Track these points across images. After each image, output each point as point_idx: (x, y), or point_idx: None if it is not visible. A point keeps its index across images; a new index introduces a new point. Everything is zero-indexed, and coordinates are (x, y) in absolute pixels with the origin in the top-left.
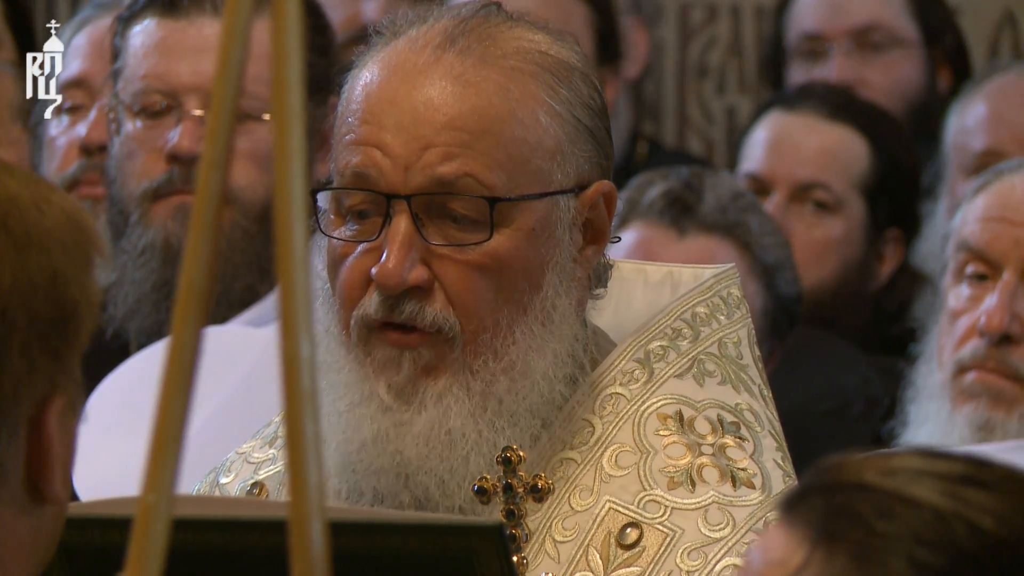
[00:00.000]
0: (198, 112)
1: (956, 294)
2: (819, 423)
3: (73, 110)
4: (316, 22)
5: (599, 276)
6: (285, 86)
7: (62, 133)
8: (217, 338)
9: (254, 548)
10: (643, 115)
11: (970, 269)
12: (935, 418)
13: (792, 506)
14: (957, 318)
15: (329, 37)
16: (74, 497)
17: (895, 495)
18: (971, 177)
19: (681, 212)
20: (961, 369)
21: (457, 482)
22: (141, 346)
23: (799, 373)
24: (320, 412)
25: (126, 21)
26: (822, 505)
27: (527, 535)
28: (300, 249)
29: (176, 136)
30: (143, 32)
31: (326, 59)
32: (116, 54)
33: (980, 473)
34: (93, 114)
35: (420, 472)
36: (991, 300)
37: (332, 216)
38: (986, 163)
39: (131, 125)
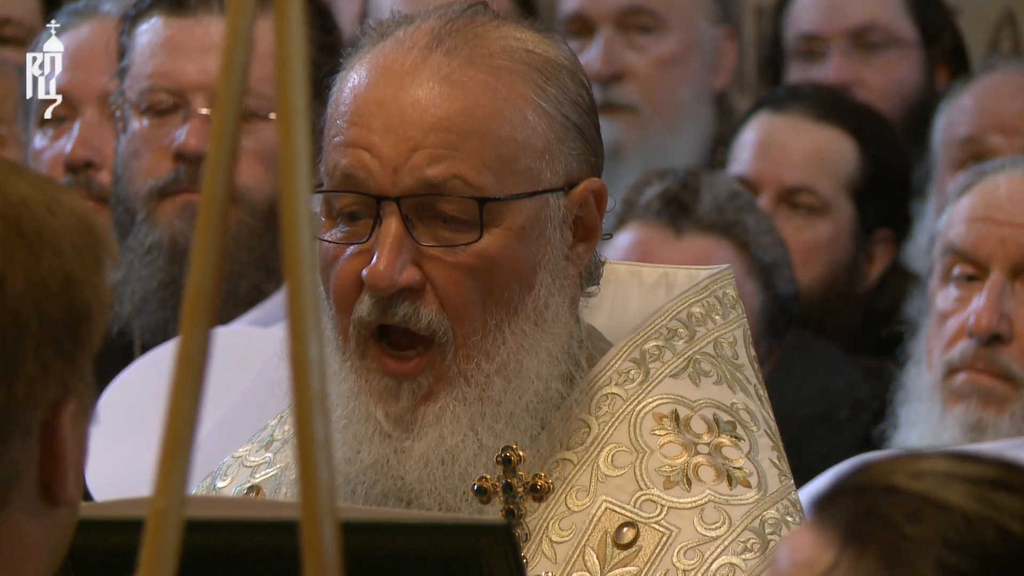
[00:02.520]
0: (205, 111)
1: (944, 296)
2: (805, 427)
3: (56, 122)
4: (322, 21)
5: (591, 273)
6: (289, 86)
7: (47, 147)
8: (229, 339)
9: (263, 548)
10: (725, 123)
11: (957, 271)
12: (926, 419)
13: (821, 508)
14: (946, 320)
15: (336, 36)
16: (88, 498)
17: (924, 498)
18: (958, 171)
19: (678, 212)
20: (951, 370)
21: (459, 499)
22: (146, 344)
23: (786, 377)
24: (330, 414)
25: (132, 19)
26: (851, 507)
27: (526, 535)
28: (307, 250)
29: (183, 135)
30: (150, 30)
31: (333, 58)
32: (122, 52)
33: (1010, 477)
34: (76, 129)
35: (423, 495)
36: (979, 301)
37: (323, 218)
38: (970, 151)
39: (137, 123)
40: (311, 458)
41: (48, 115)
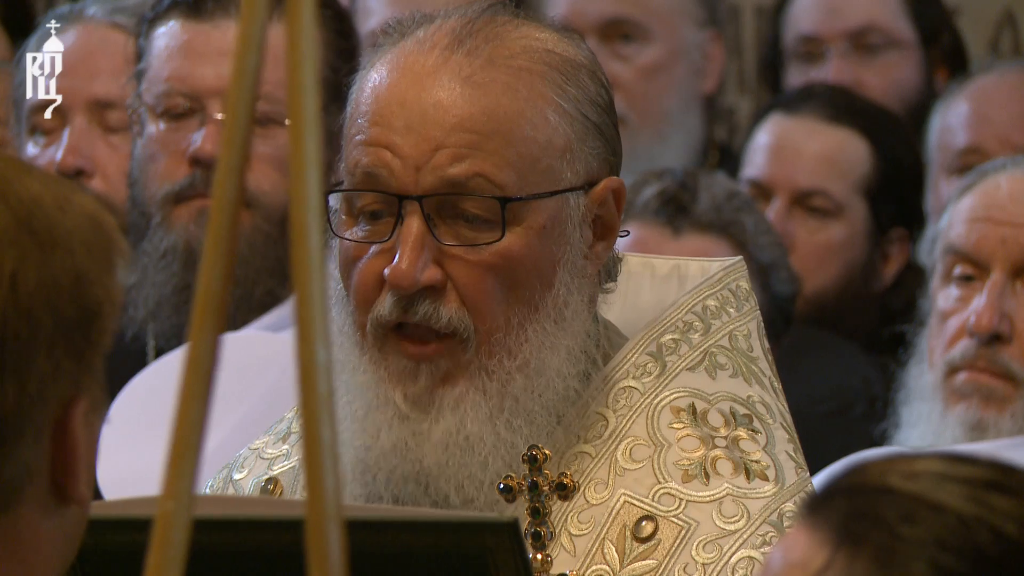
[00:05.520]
0: (221, 115)
1: (945, 295)
2: (821, 424)
3: (46, 131)
4: (340, 26)
5: (608, 270)
6: (301, 92)
7: (39, 155)
8: (243, 344)
9: (270, 547)
10: (716, 125)
11: (958, 270)
12: (928, 419)
13: (815, 508)
14: (947, 319)
15: (354, 42)
16: (99, 498)
17: (918, 499)
18: (954, 176)
19: (676, 211)
20: (952, 370)
21: (476, 486)
22: (160, 348)
23: (801, 373)
24: (337, 417)
25: (150, 22)
26: (845, 507)
27: (552, 533)
28: (316, 255)
29: (199, 139)
30: (167, 34)
31: (351, 64)
32: (139, 55)
33: (1004, 478)
34: (66, 138)
35: (440, 479)
36: (980, 300)
37: (344, 217)
38: (968, 161)
39: (154, 127)
40: (318, 461)
41: (48, 115)
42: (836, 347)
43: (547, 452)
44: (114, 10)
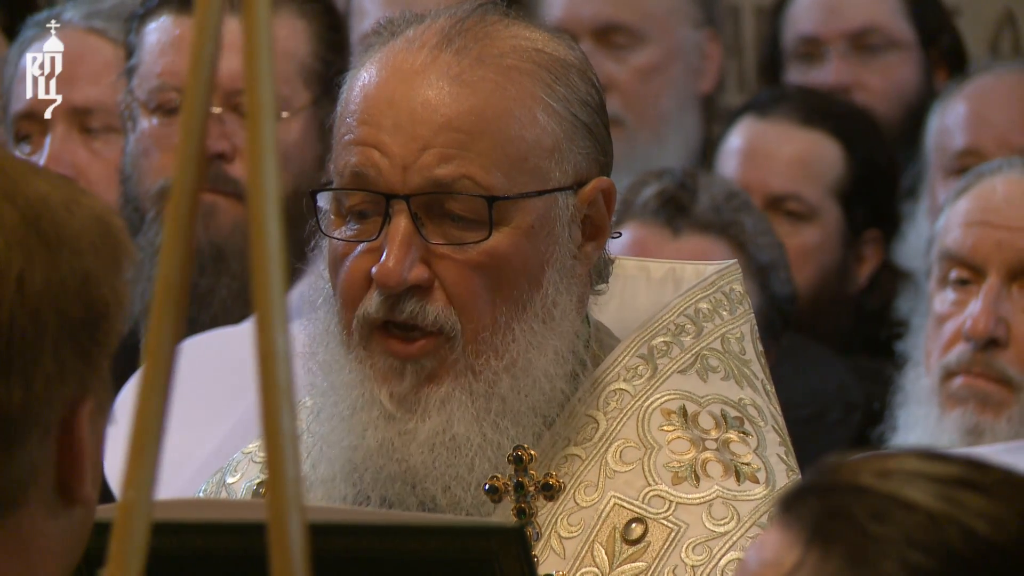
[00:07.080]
0: (215, 109)
1: (941, 299)
2: (797, 429)
3: (28, 139)
4: (330, 20)
5: (600, 272)
6: (256, 84)
7: None
8: (242, 338)
9: (238, 551)
10: (716, 125)
11: (954, 274)
12: (924, 423)
13: (788, 506)
14: (943, 323)
15: (343, 33)
16: (107, 492)
17: (889, 497)
18: (951, 177)
19: (675, 212)
20: (948, 374)
21: (463, 488)
22: None
23: (777, 379)
24: (297, 406)
25: (140, 18)
26: (817, 506)
27: (537, 534)
28: (274, 245)
29: None
30: (158, 29)
31: (340, 56)
32: (130, 51)
33: (976, 476)
34: (47, 147)
35: (427, 480)
36: (975, 305)
37: (332, 216)
38: (966, 163)
39: (146, 122)
40: (278, 450)
41: (48, 114)
42: (811, 351)
43: (532, 452)
44: (90, 14)
